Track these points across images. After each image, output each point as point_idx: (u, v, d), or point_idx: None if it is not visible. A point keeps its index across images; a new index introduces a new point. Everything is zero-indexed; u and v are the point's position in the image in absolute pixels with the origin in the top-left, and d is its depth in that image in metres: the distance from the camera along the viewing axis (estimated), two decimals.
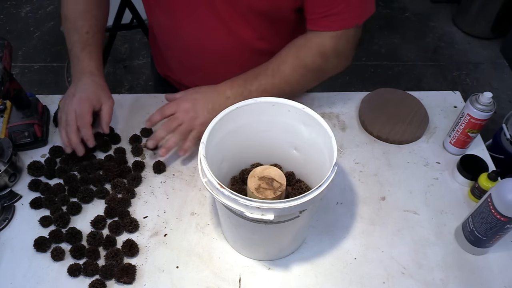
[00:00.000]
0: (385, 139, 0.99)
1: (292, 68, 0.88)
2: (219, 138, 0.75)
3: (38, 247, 0.80)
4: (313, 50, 0.88)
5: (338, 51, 0.88)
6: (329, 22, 0.86)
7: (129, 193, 0.88)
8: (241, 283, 0.78)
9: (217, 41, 0.95)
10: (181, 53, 1.03)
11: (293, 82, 0.89)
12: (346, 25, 0.86)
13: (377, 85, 1.37)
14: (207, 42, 0.95)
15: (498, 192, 0.72)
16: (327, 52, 0.88)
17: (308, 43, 0.88)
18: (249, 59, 0.96)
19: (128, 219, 0.83)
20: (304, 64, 0.88)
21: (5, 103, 1.00)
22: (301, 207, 0.64)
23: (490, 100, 0.87)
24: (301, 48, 0.89)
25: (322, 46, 0.88)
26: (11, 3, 2.86)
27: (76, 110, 0.86)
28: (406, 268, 0.80)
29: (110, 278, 0.76)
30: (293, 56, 0.89)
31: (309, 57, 0.88)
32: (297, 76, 0.89)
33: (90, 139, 0.87)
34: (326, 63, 0.89)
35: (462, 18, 2.70)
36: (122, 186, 0.88)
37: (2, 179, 0.87)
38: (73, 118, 0.86)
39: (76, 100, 0.87)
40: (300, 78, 0.90)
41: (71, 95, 0.88)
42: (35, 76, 2.41)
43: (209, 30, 0.93)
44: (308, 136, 0.77)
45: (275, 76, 0.88)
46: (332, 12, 0.84)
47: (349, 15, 0.85)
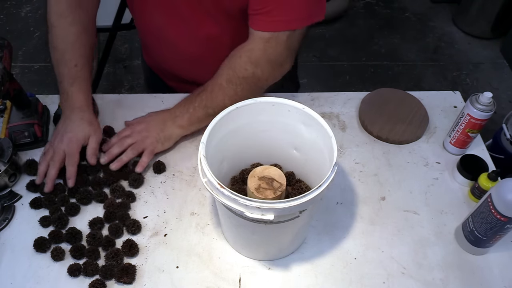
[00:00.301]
0: (385, 139, 0.99)
1: (227, 80, 0.89)
2: (219, 138, 0.75)
3: (38, 248, 0.80)
4: (242, 57, 0.88)
5: (267, 56, 0.87)
6: (260, 22, 0.85)
7: (129, 197, 0.87)
8: (241, 283, 0.78)
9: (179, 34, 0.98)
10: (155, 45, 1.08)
11: (231, 94, 0.89)
12: (274, 28, 0.84)
13: (377, 85, 1.37)
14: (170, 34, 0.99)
15: (498, 192, 0.72)
16: (256, 58, 0.87)
17: (238, 52, 0.89)
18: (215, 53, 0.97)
19: (130, 221, 0.83)
20: (237, 74, 0.88)
21: (5, 103, 1.00)
22: (301, 207, 0.64)
23: (490, 100, 0.87)
24: (233, 58, 0.90)
25: (251, 51, 0.87)
26: (11, 3, 2.86)
27: (65, 150, 0.88)
28: (406, 268, 0.80)
29: (110, 278, 0.76)
30: (226, 68, 0.90)
31: (240, 65, 0.88)
32: (233, 87, 0.89)
33: (72, 178, 0.87)
34: (257, 70, 0.88)
35: (462, 18, 2.70)
36: (121, 191, 0.88)
37: (2, 179, 0.87)
38: (61, 157, 0.87)
39: (66, 140, 0.88)
40: (236, 89, 0.89)
41: (61, 134, 0.90)
42: (35, 76, 2.41)
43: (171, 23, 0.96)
44: (308, 136, 0.77)
45: (213, 91, 0.90)
46: (263, 11, 0.83)
47: (280, 17, 0.83)
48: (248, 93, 0.90)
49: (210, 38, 0.98)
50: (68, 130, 0.90)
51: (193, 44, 1.00)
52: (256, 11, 0.84)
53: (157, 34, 1.02)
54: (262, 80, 0.90)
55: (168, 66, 1.12)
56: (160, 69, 1.17)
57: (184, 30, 0.97)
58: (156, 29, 1.01)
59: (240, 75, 0.88)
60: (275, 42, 0.85)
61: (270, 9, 0.82)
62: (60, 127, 0.92)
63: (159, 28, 1.00)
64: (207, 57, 1.02)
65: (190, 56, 1.03)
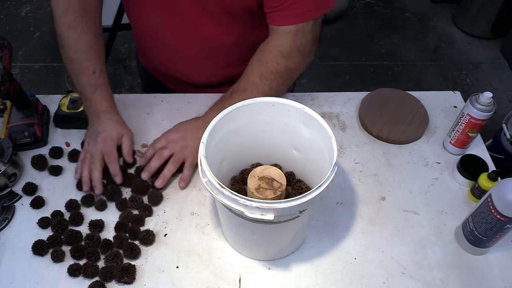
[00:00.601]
0: (385, 139, 0.99)
1: (260, 76, 0.89)
2: (219, 138, 0.75)
3: (36, 251, 0.80)
4: (273, 52, 0.89)
5: (297, 47, 0.89)
6: (283, 17, 0.87)
7: (146, 211, 0.86)
8: (241, 283, 0.78)
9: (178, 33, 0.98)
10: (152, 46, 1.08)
11: (265, 89, 0.90)
12: (299, 19, 0.86)
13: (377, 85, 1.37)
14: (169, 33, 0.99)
15: (498, 192, 0.72)
16: (287, 51, 0.89)
17: (267, 47, 0.90)
18: (215, 53, 1.00)
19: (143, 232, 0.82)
20: (270, 70, 0.89)
21: (5, 103, 1.00)
22: (301, 207, 0.64)
23: (490, 100, 0.87)
24: (263, 54, 0.90)
25: (281, 46, 0.89)
26: (11, 3, 2.85)
27: (102, 150, 0.88)
28: (406, 268, 0.80)
29: (109, 280, 0.76)
30: (257, 65, 0.90)
31: (272, 60, 0.89)
32: (267, 83, 0.90)
33: (119, 174, 0.87)
34: (290, 62, 0.90)
35: (462, 18, 2.70)
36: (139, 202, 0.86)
37: (2, 179, 0.87)
38: (100, 158, 0.88)
39: (100, 140, 0.89)
40: (271, 84, 0.90)
41: (94, 137, 0.90)
42: (35, 76, 2.41)
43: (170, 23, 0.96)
44: (308, 136, 0.77)
45: (247, 90, 0.89)
46: (285, 6, 0.84)
47: (302, 9, 0.85)
48: (282, 86, 0.92)
49: (210, 38, 0.98)
50: (100, 131, 0.90)
51: (192, 45, 1.00)
52: (274, 8, 0.86)
53: (154, 35, 1.02)
54: (294, 71, 0.92)
55: (165, 68, 1.12)
56: (157, 70, 1.17)
57: (184, 31, 0.97)
58: (154, 30, 1.01)
59: (273, 69, 0.89)
60: (302, 33, 0.88)
61: (289, 4, 0.84)
62: (90, 132, 0.92)
63: (156, 28, 1.00)
64: (206, 57, 1.02)
65: (189, 57, 1.03)
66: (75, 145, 0.97)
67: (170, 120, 1.02)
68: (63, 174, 0.93)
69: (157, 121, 1.03)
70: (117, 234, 0.82)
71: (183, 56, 1.03)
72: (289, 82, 0.95)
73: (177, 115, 1.04)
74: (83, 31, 0.92)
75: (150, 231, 0.82)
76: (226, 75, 1.08)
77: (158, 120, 1.03)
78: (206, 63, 1.04)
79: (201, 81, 1.09)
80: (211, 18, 0.93)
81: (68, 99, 1.00)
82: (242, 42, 1.00)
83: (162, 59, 1.09)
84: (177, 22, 0.95)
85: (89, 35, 0.92)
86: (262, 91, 0.89)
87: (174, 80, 1.14)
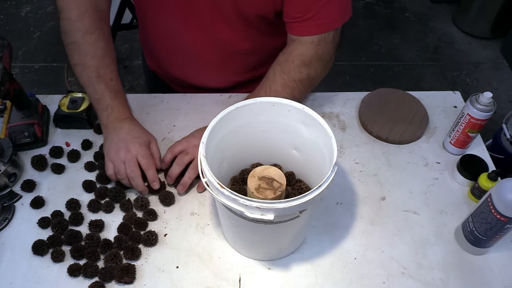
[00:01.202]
0: (385, 139, 0.99)
1: (283, 85, 0.90)
2: (219, 138, 0.75)
3: (36, 251, 0.80)
4: (295, 61, 0.90)
5: (319, 56, 0.90)
6: (306, 27, 0.87)
7: (151, 215, 0.85)
8: (241, 283, 0.78)
9: (197, 40, 0.98)
10: (165, 50, 1.07)
11: (288, 97, 0.89)
12: (322, 30, 0.87)
13: (377, 85, 1.37)
14: (187, 40, 0.98)
15: (498, 192, 0.72)
16: (309, 60, 0.89)
17: (289, 57, 0.90)
18: (231, 59, 1.01)
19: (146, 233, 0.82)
20: (292, 78, 0.90)
21: (5, 103, 1.00)
22: (301, 207, 0.64)
23: (490, 100, 0.87)
24: (285, 64, 0.91)
25: (303, 55, 0.89)
26: (11, 3, 2.86)
27: (137, 155, 0.85)
28: (406, 268, 0.80)
29: (109, 281, 0.76)
30: (279, 73, 0.91)
31: (295, 69, 0.90)
32: (289, 91, 0.91)
33: (157, 180, 0.86)
34: (311, 71, 0.91)
35: (462, 18, 2.70)
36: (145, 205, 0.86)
37: (2, 179, 0.87)
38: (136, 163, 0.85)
39: (133, 147, 0.86)
40: (293, 92, 0.91)
41: (122, 144, 0.86)
42: (35, 76, 2.41)
43: (190, 29, 0.96)
44: (308, 136, 0.77)
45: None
46: (308, 16, 0.85)
47: (325, 20, 0.86)
48: (303, 94, 0.94)
49: (228, 44, 0.98)
50: (130, 137, 0.87)
51: (210, 50, 1.00)
52: (296, 19, 0.87)
53: (170, 40, 1.01)
54: (316, 79, 0.94)
55: (177, 72, 1.11)
56: (167, 74, 1.15)
57: (202, 36, 0.96)
58: (171, 35, 1.00)
59: (295, 78, 0.90)
60: (324, 43, 0.89)
61: (312, 15, 0.85)
62: (115, 140, 0.87)
63: (174, 34, 0.99)
64: (223, 63, 1.03)
65: (206, 62, 1.03)
66: (75, 145, 0.97)
67: (170, 120, 1.03)
68: (63, 174, 0.93)
69: (157, 121, 1.03)
70: (118, 235, 0.82)
71: (200, 61, 1.03)
72: (310, 90, 0.97)
73: (177, 115, 1.04)
74: (99, 37, 0.90)
75: (153, 232, 0.82)
76: (238, 81, 1.09)
77: (158, 120, 1.03)
78: (222, 69, 1.05)
79: (213, 86, 1.09)
80: (228, 25, 0.93)
81: (68, 99, 1.00)
82: (258, 49, 1.01)
83: (175, 64, 1.08)
84: (196, 28, 0.95)
85: (105, 41, 0.91)
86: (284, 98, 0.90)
87: (184, 84, 1.13)
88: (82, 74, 0.90)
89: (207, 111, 1.04)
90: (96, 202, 0.86)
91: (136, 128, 0.90)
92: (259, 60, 1.06)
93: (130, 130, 0.89)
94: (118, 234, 0.82)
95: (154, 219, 0.85)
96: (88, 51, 0.89)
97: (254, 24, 0.93)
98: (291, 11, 0.87)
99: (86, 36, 0.89)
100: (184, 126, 1.02)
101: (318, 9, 0.84)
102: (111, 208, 0.86)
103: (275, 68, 0.92)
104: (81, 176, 0.92)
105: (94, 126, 1.00)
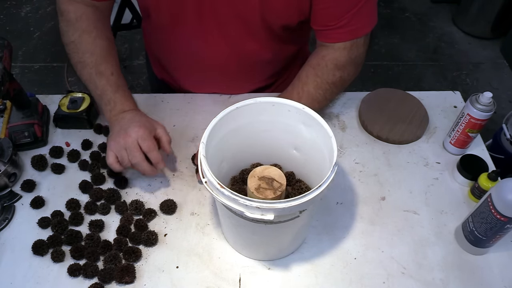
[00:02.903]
0: (385, 139, 0.99)
1: (316, 87, 0.92)
2: (219, 138, 0.75)
3: (36, 251, 0.80)
4: (329, 65, 0.91)
5: (351, 59, 0.92)
6: (340, 34, 0.89)
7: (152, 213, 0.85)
8: (241, 283, 0.78)
9: (219, 54, 0.98)
10: (182, 66, 1.06)
11: (320, 98, 0.93)
12: (355, 36, 0.90)
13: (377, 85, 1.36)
14: (208, 54, 0.98)
15: (498, 192, 0.72)
16: (343, 64, 0.92)
17: (322, 61, 0.92)
18: (251, 69, 1.03)
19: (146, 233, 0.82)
20: (326, 81, 0.92)
21: (5, 103, 1.00)
22: (301, 207, 0.64)
23: (490, 100, 0.87)
24: (318, 68, 0.92)
25: (337, 60, 0.91)
26: (11, 3, 2.86)
27: (137, 138, 0.81)
28: (406, 268, 0.80)
29: (109, 282, 0.76)
30: (312, 76, 0.92)
31: (328, 72, 0.92)
32: (322, 92, 0.93)
33: (161, 161, 0.83)
34: (345, 74, 0.93)
35: (462, 18, 2.70)
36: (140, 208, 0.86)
37: (2, 179, 0.87)
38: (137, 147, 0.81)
39: (132, 131, 0.82)
40: (325, 94, 0.93)
41: (122, 131, 0.83)
42: (35, 76, 2.41)
43: (212, 44, 0.95)
44: (308, 136, 0.77)
45: (302, 98, 0.92)
46: (341, 24, 0.87)
47: (357, 26, 0.88)
48: (335, 95, 0.97)
49: (249, 55, 0.99)
50: (134, 121, 0.84)
51: (231, 63, 1.00)
52: (330, 27, 0.88)
53: (189, 56, 1.01)
54: (347, 81, 0.96)
55: (193, 85, 1.10)
56: (181, 85, 1.13)
57: (224, 50, 0.97)
58: (193, 51, 0.99)
59: (329, 81, 0.92)
60: (356, 47, 0.91)
61: (347, 22, 0.86)
62: (116, 130, 0.84)
63: (196, 50, 0.98)
64: (242, 73, 1.04)
65: (225, 74, 1.03)
66: (75, 145, 0.97)
67: (170, 120, 1.02)
68: (63, 174, 0.93)
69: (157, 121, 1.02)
70: (117, 237, 0.82)
71: (220, 74, 1.03)
72: (341, 90, 0.99)
73: (177, 115, 1.04)
74: (98, 35, 0.90)
75: (153, 232, 0.82)
76: (254, 88, 1.10)
77: (158, 120, 1.02)
78: (241, 79, 1.06)
79: (229, 94, 1.10)
80: (253, 37, 0.94)
81: (68, 99, 1.00)
82: (277, 58, 1.03)
83: (192, 78, 1.08)
84: (219, 43, 0.95)
85: (104, 40, 0.91)
86: (317, 100, 0.92)
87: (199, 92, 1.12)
88: (82, 72, 0.90)
89: (207, 111, 1.04)
90: (93, 204, 0.86)
91: (138, 115, 0.87)
92: (277, 68, 1.08)
93: (132, 118, 0.86)
94: (117, 236, 0.82)
95: (153, 218, 0.85)
96: (87, 49, 0.89)
97: (277, 34, 0.94)
98: (323, 19, 0.88)
99: (84, 36, 0.89)
100: (184, 126, 1.02)
101: (350, 17, 0.85)
102: (107, 210, 0.86)
103: (307, 71, 0.93)
104: (81, 176, 0.92)
105: (94, 126, 1.00)
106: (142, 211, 0.85)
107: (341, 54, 0.91)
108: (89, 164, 0.93)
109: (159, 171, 0.85)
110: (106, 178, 0.91)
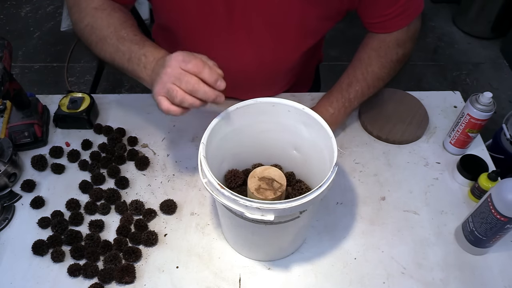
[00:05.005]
0: (385, 139, 0.99)
1: (380, 66, 0.94)
2: (219, 138, 0.75)
3: (36, 251, 0.80)
4: (391, 46, 0.94)
5: (410, 37, 0.95)
6: (398, 21, 0.91)
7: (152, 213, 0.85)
8: (241, 283, 0.78)
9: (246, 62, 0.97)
10: None
11: (385, 76, 0.96)
12: (413, 17, 0.92)
13: None
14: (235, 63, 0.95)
15: (498, 192, 0.72)
16: (403, 41, 0.94)
17: (383, 43, 0.94)
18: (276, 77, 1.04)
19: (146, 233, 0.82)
20: (390, 59, 0.94)
21: (5, 103, 1.00)
22: (302, 207, 0.64)
23: (490, 100, 0.87)
24: (380, 49, 0.94)
25: (398, 39, 0.94)
26: (11, 3, 2.85)
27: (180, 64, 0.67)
28: (406, 268, 0.80)
29: (109, 282, 0.76)
30: (375, 57, 0.94)
31: (391, 52, 0.94)
32: (387, 71, 0.95)
33: (217, 77, 0.68)
34: (406, 50, 0.96)
35: (462, 18, 2.70)
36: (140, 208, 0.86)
37: (2, 179, 0.87)
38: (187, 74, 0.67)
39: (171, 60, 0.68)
40: (389, 71, 0.96)
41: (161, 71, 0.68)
42: (35, 76, 2.41)
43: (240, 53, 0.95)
44: (308, 136, 0.77)
45: (367, 78, 0.94)
46: (397, 12, 0.89)
47: (412, 9, 0.90)
48: (396, 72, 0.98)
49: (275, 64, 0.99)
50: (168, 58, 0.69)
51: (261, 70, 0.99)
52: (387, 16, 0.90)
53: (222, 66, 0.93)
54: (407, 56, 0.98)
55: None
56: None
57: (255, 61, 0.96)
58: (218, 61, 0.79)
59: (393, 59, 0.95)
60: (414, 25, 0.94)
61: (403, 9, 0.88)
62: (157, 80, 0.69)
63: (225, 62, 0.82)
64: (268, 82, 1.04)
65: (250, 83, 1.01)
66: (75, 145, 0.97)
67: (170, 120, 1.02)
68: (63, 174, 0.93)
69: (157, 121, 1.03)
70: (117, 237, 0.82)
71: (245, 84, 1.00)
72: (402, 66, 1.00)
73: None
74: (113, 10, 0.84)
75: (153, 232, 0.82)
76: (272, 95, 1.09)
77: (158, 120, 1.03)
78: (265, 87, 1.06)
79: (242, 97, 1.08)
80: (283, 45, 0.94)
81: (68, 99, 1.00)
82: (300, 66, 1.04)
83: None
84: (248, 52, 0.94)
85: (119, 13, 0.84)
86: (381, 78, 0.95)
87: None
88: (104, 47, 0.81)
89: (207, 111, 1.04)
90: (93, 204, 0.86)
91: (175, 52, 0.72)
92: (297, 75, 1.09)
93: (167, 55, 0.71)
94: (117, 236, 0.82)
95: (153, 218, 0.85)
96: (103, 24, 0.82)
97: (307, 39, 0.95)
98: (379, 9, 0.89)
99: (98, 14, 0.83)
100: (184, 126, 1.02)
101: (404, 2, 0.87)
102: (107, 210, 0.86)
103: (369, 53, 0.95)
104: (81, 176, 0.92)
105: (94, 126, 1.00)
106: (142, 211, 0.85)
107: (401, 35, 0.93)
108: (89, 164, 0.93)
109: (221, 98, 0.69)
110: (106, 178, 0.91)
